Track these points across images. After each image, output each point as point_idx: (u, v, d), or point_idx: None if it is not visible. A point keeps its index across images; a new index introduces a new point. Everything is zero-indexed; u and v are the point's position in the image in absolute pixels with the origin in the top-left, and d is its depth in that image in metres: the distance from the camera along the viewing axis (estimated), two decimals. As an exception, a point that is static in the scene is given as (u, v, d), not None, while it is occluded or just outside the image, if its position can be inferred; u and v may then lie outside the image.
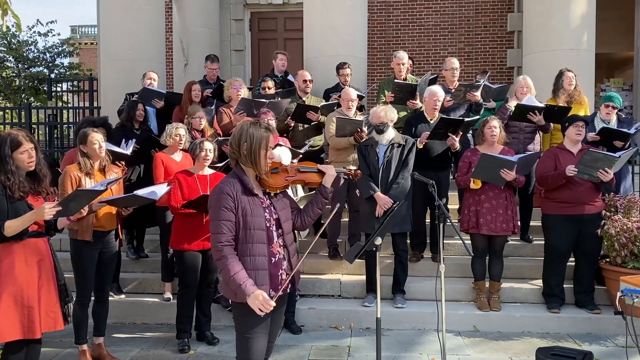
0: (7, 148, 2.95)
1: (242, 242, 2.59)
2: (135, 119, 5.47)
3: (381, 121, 4.70)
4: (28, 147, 3.00)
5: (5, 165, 2.93)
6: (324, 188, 2.85)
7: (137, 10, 7.32)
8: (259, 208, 2.64)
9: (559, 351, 3.56)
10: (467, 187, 4.81)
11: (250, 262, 2.59)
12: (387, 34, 10.33)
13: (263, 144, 2.62)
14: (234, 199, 2.58)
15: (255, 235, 2.60)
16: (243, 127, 2.65)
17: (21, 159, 2.98)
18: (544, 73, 6.47)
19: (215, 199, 2.59)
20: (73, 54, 17.21)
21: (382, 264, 5.18)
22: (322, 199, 2.86)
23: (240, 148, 2.62)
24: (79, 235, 3.81)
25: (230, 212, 2.56)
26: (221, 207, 2.56)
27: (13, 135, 2.99)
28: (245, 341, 2.63)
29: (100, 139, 3.86)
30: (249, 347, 2.62)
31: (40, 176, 3.10)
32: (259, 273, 2.60)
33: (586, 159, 4.48)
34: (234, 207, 2.57)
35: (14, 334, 2.92)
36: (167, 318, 4.91)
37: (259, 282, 2.58)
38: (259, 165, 2.63)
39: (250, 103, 5.47)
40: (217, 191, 2.61)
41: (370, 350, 4.18)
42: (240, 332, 2.67)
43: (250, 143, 2.60)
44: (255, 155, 2.61)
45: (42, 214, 2.85)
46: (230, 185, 2.60)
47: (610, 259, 4.82)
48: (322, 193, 2.85)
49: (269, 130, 2.66)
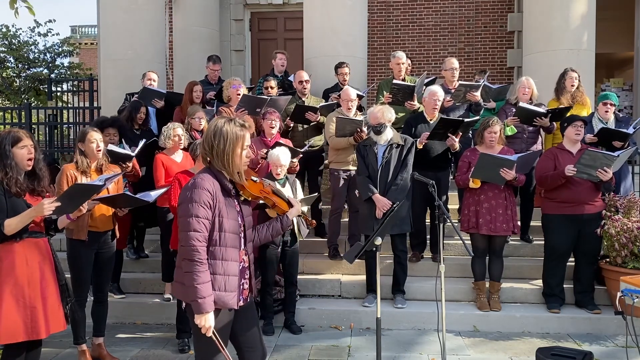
0: (7, 144, 2.97)
1: (216, 245, 2.42)
2: (136, 120, 5.47)
3: (378, 122, 4.69)
4: (28, 143, 3.02)
5: (5, 159, 2.94)
6: (286, 218, 2.79)
7: (137, 10, 7.32)
8: (234, 211, 2.52)
9: (559, 351, 3.56)
10: (466, 186, 4.81)
11: (222, 266, 2.44)
12: (387, 34, 10.33)
13: (239, 144, 2.45)
14: (213, 197, 2.40)
15: (229, 239, 2.46)
16: (217, 125, 2.46)
17: (20, 154, 2.99)
18: (544, 73, 6.47)
19: (193, 193, 2.38)
20: (73, 53, 17.20)
21: (382, 264, 5.18)
22: (279, 227, 2.78)
23: (214, 147, 2.44)
24: (74, 234, 3.81)
25: (209, 210, 2.39)
26: (200, 202, 2.36)
27: (13, 132, 3.03)
28: (205, 350, 2.51)
29: (98, 138, 3.85)
30: (211, 355, 2.52)
31: (40, 176, 3.10)
32: (229, 279, 2.46)
33: (585, 159, 4.48)
34: (212, 205, 2.40)
35: (18, 336, 2.89)
36: (167, 318, 4.91)
37: (229, 288, 2.46)
38: (234, 165, 2.45)
39: (252, 100, 5.47)
40: (194, 185, 2.40)
41: (370, 350, 4.17)
42: (197, 342, 2.54)
43: (223, 142, 2.42)
44: (229, 156, 2.43)
45: (41, 210, 2.85)
46: (209, 182, 2.42)
47: (610, 259, 4.82)
48: (283, 223, 2.79)
49: (244, 128, 2.50)
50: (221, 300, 2.45)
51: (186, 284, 2.39)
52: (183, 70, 8.86)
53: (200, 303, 2.34)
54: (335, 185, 5.48)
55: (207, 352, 2.51)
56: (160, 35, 7.77)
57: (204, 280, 2.36)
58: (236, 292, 2.50)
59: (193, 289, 2.35)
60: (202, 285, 2.35)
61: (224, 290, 2.46)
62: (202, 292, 2.35)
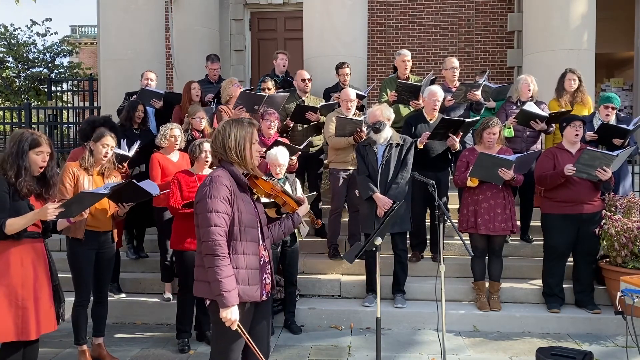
0: (26, 145, 2.97)
1: (236, 239, 2.49)
2: (135, 119, 5.47)
3: (377, 119, 4.69)
4: (45, 150, 3.03)
5: (20, 160, 2.94)
6: (297, 216, 2.87)
7: (137, 10, 7.32)
8: (251, 206, 2.59)
9: (559, 351, 3.56)
10: (464, 185, 4.81)
11: (245, 260, 2.51)
12: (387, 34, 10.32)
13: (248, 137, 2.57)
14: (231, 192, 2.48)
15: (249, 233, 2.53)
16: (225, 126, 2.60)
17: (35, 159, 3.00)
18: (544, 73, 6.47)
19: (212, 189, 2.45)
20: (72, 52, 17.19)
21: (382, 264, 5.15)
22: (291, 225, 2.86)
23: (225, 145, 2.55)
24: (71, 232, 3.80)
25: (228, 205, 2.46)
26: (220, 197, 2.43)
27: (35, 135, 3.03)
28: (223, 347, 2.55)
29: (111, 143, 3.87)
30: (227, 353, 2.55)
31: (50, 183, 3.11)
32: (252, 272, 2.53)
33: (584, 158, 4.48)
34: (231, 200, 2.47)
35: (7, 336, 2.91)
36: (167, 318, 4.91)
37: (252, 281, 2.52)
38: (246, 159, 2.58)
39: (250, 97, 5.47)
40: (212, 181, 2.47)
41: (370, 350, 4.17)
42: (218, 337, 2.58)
43: (235, 138, 2.55)
44: (241, 150, 2.56)
45: (45, 215, 2.86)
46: (226, 178, 2.50)
47: (610, 259, 4.82)
48: (294, 220, 2.86)
49: (252, 124, 2.63)
50: (245, 293, 2.51)
51: (210, 279, 2.43)
52: (183, 70, 8.85)
53: (225, 296, 2.38)
54: (335, 185, 5.47)
55: (224, 349, 2.56)
56: (160, 35, 7.77)
57: (227, 274, 2.40)
58: (259, 285, 2.56)
59: (217, 284, 2.38)
60: (225, 279, 2.39)
61: (248, 284, 2.51)
62: (227, 285, 2.39)
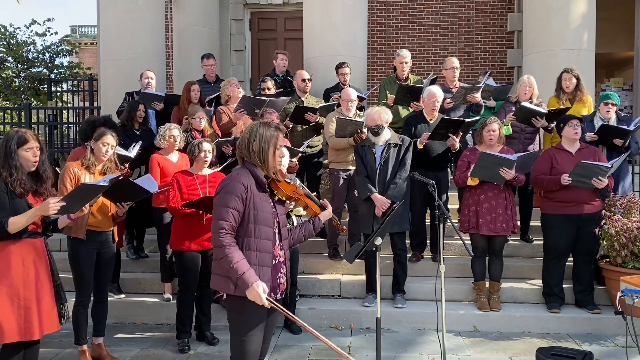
0: (13, 144, 2.97)
1: (250, 236, 2.58)
2: (136, 119, 5.47)
3: (376, 123, 4.70)
4: (34, 145, 3.02)
5: (10, 160, 2.94)
6: (319, 220, 2.93)
7: (137, 10, 7.32)
8: (268, 205, 2.66)
9: (559, 351, 3.56)
10: (464, 185, 4.81)
11: (257, 257, 2.59)
12: (387, 34, 10.33)
13: (272, 142, 2.64)
14: (247, 191, 2.57)
15: (263, 231, 2.61)
16: (253, 127, 2.69)
17: (26, 156, 3.00)
18: (544, 73, 6.47)
19: (229, 185, 2.57)
20: (72, 52, 17.17)
21: (382, 264, 5.18)
22: (312, 229, 2.92)
23: (250, 147, 2.64)
24: (72, 232, 3.81)
25: (241, 203, 2.56)
26: (234, 194, 2.54)
27: (21, 132, 3.03)
28: (240, 342, 2.63)
29: (112, 142, 3.88)
30: (243, 348, 2.62)
31: (44, 177, 3.11)
32: (263, 269, 2.60)
33: (578, 169, 4.49)
34: (246, 198, 2.57)
35: (11, 336, 2.90)
36: (167, 318, 4.91)
37: (263, 278, 2.58)
38: (268, 163, 2.64)
39: (251, 101, 5.47)
40: (231, 178, 2.60)
41: (370, 350, 4.17)
42: (235, 333, 2.66)
43: (259, 142, 2.62)
44: (264, 153, 2.63)
45: (46, 209, 2.86)
46: (245, 177, 2.60)
47: (610, 259, 4.82)
48: (315, 224, 2.93)
49: (278, 129, 2.70)
50: None
51: (225, 268, 2.54)
52: (183, 70, 8.86)
53: (243, 278, 2.48)
54: (335, 185, 5.47)
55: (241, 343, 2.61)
56: (160, 35, 7.77)
57: (238, 259, 2.51)
58: (270, 283, 2.62)
59: (232, 271, 2.50)
60: (238, 263, 2.50)
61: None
62: (241, 267, 2.49)
